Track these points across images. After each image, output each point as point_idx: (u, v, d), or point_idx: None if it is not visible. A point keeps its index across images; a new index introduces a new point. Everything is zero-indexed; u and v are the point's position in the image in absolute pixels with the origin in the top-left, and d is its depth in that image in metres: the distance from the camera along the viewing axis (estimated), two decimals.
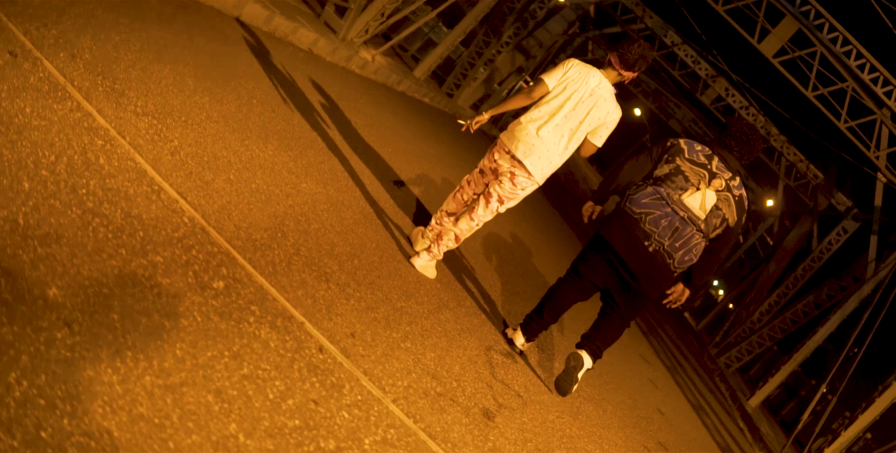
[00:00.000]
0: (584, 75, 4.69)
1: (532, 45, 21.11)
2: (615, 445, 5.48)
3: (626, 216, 4.56)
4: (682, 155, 4.52)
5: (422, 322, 4.41)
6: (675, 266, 4.59)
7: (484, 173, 5.05)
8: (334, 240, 4.47)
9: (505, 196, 4.92)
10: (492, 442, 3.77)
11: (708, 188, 4.44)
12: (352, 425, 2.92)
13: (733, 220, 4.54)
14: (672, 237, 4.48)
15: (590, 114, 4.68)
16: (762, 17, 15.15)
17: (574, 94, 4.65)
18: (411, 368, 3.76)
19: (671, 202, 4.45)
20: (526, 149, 4.68)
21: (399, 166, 7.72)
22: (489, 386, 4.39)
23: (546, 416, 4.76)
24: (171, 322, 2.67)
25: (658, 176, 4.54)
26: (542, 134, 4.66)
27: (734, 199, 4.51)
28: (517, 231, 10.17)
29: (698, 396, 11.47)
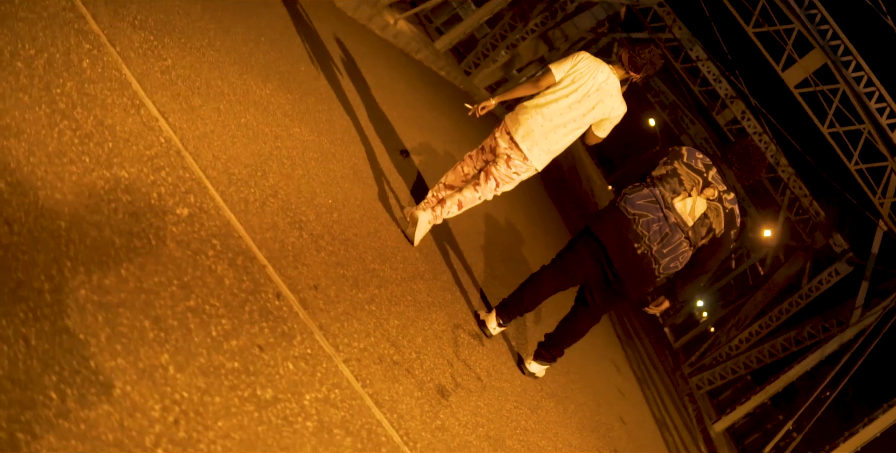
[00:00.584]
0: (593, 69, 4.74)
1: (557, 36, 20.95)
2: (569, 445, 5.38)
3: (621, 215, 4.56)
4: (680, 159, 4.56)
5: (392, 287, 4.29)
6: (660, 271, 4.59)
7: (484, 150, 5.07)
8: (317, 190, 4.34)
9: (500, 178, 4.95)
10: (441, 420, 3.66)
11: (699, 195, 4.46)
12: (295, 378, 2.80)
13: (720, 231, 4.52)
14: (661, 242, 4.49)
15: (595, 108, 4.75)
16: (791, 45, 15.03)
17: (581, 87, 4.71)
18: (371, 332, 3.64)
19: (664, 206, 4.46)
20: (525, 134, 4.75)
21: (402, 132, 7.58)
22: (450, 363, 4.27)
23: (503, 404, 4.66)
24: (123, 240, 2.54)
25: (655, 176, 4.56)
26: (545, 122, 4.72)
27: (724, 211, 4.49)
28: (510, 217, 10.05)
29: (664, 412, 11.40)
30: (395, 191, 5.69)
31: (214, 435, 2.26)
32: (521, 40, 19.25)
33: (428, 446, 3.34)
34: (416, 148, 7.59)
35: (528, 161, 4.83)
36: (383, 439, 3.04)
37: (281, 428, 2.53)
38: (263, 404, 2.54)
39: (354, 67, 8.01)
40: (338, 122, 5.76)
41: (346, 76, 7.26)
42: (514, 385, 5.10)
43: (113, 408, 2.02)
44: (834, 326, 16.64)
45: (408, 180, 6.27)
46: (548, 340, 5.28)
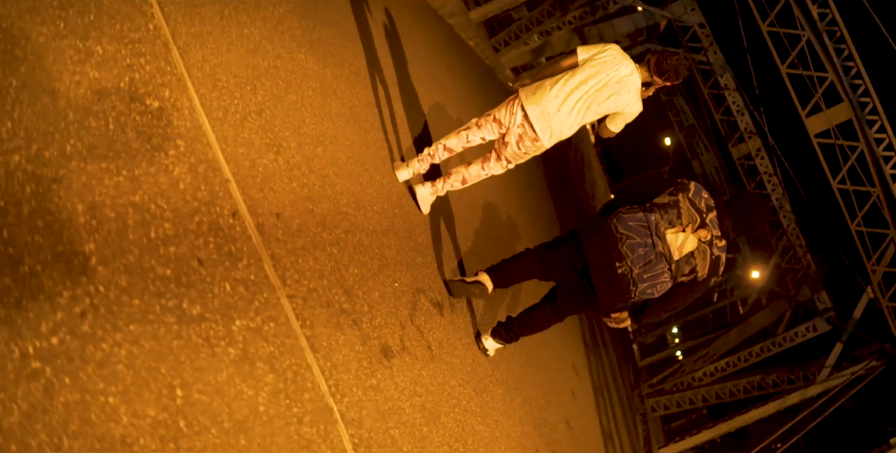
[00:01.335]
0: (618, 62, 4.76)
1: (593, 34, 20.70)
2: (507, 436, 5.27)
3: (609, 232, 4.54)
4: (686, 193, 4.53)
5: (361, 236, 4.14)
6: (636, 294, 4.55)
7: (495, 121, 4.96)
8: (306, 119, 4.17)
9: (510, 157, 5.01)
10: (377, 380, 3.53)
11: (693, 234, 4.45)
12: (229, 301, 2.65)
13: (702, 275, 4.51)
14: (643, 267, 4.46)
15: (610, 99, 4.75)
16: (821, 93, 14.88)
17: (603, 77, 4.71)
18: (326, 274, 3.50)
19: (654, 233, 4.45)
20: (540, 115, 4.74)
21: (416, 88, 7.39)
22: (402, 326, 4.14)
23: (448, 380, 4.53)
24: (77, 115, 2.38)
25: (656, 202, 4.55)
26: (561, 104, 4.72)
27: (711, 257, 4.48)
28: (505, 200, 9.91)
29: (612, 425, 11.34)
30: (390, 142, 5.53)
31: (122, 337, 2.12)
32: (556, 29, 19.02)
33: (356, 402, 3.21)
34: (426, 107, 7.42)
35: (538, 142, 4.84)
36: (309, 384, 2.91)
37: (199, 347, 2.39)
38: (187, 319, 2.40)
39: (383, 15, 7.80)
40: (348, 61, 5.58)
41: (371, 21, 7.05)
42: (465, 363, 4.98)
43: (14, 284, 1.87)
44: (800, 379, 16.67)
45: (407, 135, 6.10)
46: (508, 322, 5.22)
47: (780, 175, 19.27)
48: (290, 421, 2.68)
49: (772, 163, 19.57)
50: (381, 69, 6.36)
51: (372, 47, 6.42)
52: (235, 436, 2.38)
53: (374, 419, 3.32)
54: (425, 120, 7.03)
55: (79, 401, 1.90)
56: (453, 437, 4.21)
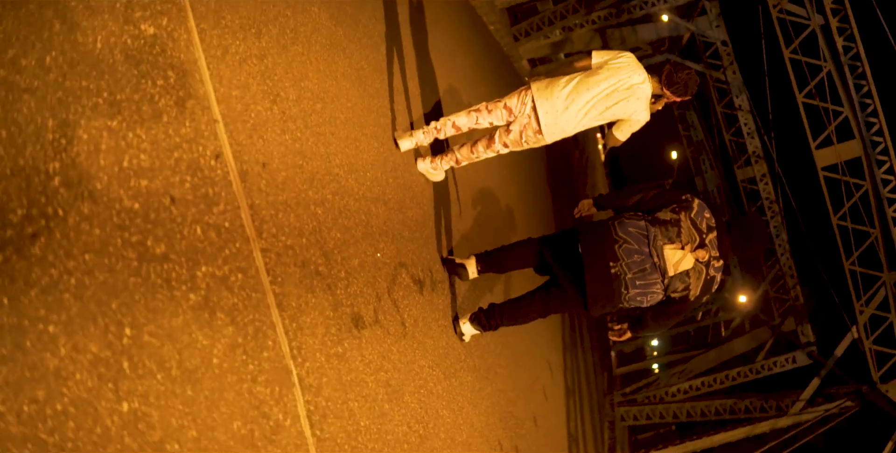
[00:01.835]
0: (631, 70, 4.80)
1: (615, 37, 20.56)
2: (470, 425, 5.18)
3: (608, 233, 4.56)
4: (689, 212, 4.51)
5: (349, 200, 4.02)
6: (626, 298, 4.52)
7: (507, 109, 4.97)
8: (309, 73, 4.04)
9: (510, 143, 5.01)
10: (343, 349, 3.42)
11: (691, 253, 4.44)
12: (198, 245, 2.54)
13: (694, 295, 4.52)
14: (637, 274, 4.46)
15: (619, 104, 4.79)
16: (833, 127, 14.78)
17: (615, 81, 4.76)
18: (306, 233, 3.38)
19: (652, 244, 4.45)
20: (548, 109, 4.78)
21: (429, 61, 7.25)
22: (378, 298, 4.03)
23: (418, 359, 4.43)
24: (64, 27, 2.25)
25: (657, 217, 4.54)
26: (569, 103, 4.76)
27: (706, 277, 4.49)
28: (505, 190, 9.80)
29: (580, 429, 11.27)
30: (394, 112, 5.40)
31: (75, 266, 2.00)
32: (578, 27, 18.86)
33: (317, 368, 3.10)
34: (436, 82, 7.28)
35: (539, 135, 4.87)
36: (270, 343, 2.80)
37: (157, 288, 2.28)
38: (148, 257, 2.28)
39: None
40: (364, 24, 5.44)
41: None
42: (438, 345, 4.88)
43: None
44: (772, 409, 16.66)
45: (413, 107, 5.97)
46: (490, 309, 5.13)
47: (781, 203, 19.20)
48: (244, 379, 2.58)
49: (775, 190, 19.48)
50: (396, 36, 6.22)
51: (390, 12, 6.28)
52: (182, 386, 2.27)
53: (333, 388, 3.21)
54: (433, 95, 6.90)
55: (15, 325, 1.78)
56: (414, 418, 4.11)
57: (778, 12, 15.02)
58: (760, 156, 19.74)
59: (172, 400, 2.21)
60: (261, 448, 2.56)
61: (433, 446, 4.31)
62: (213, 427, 2.35)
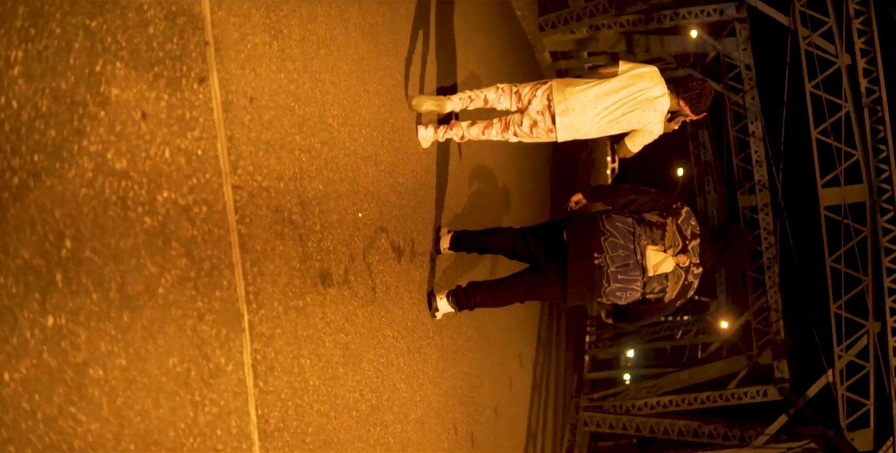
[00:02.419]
0: (653, 82, 4.86)
1: (640, 43, 20.34)
2: (427, 403, 5.07)
3: (595, 225, 4.62)
4: (676, 218, 4.56)
5: (338, 153, 3.88)
6: (605, 292, 4.57)
7: (518, 96, 5.01)
8: (318, 17, 3.88)
9: (519, 134, 5.02)
10: (304, 303, 3.29)
11: (672, 257, 4.49)
12: (163, 168, 2.40)
13: (669, 297, 4.58)
14: (619, 268, 4.50)
15: (635, 113, 4.83)
16: (843, 168, 14.63)
17: (635, 91, 4.81)
18: (286, 178, 3.24)
19: (636, 242, 4.51)
20: (565, 110, 4.81)
21: (448, 33, 7.07)
22: (352, 258, 3.89)
23: (383, 328, 4.31)
24: None
25: (644, 218, 4.58)
26: (588, 105, 4.80)
27: (684, 282, 4.54)
28: (505, 175, 9.65)
29: (540, 426, 11.18)
30: (409, 73, 5.25)
31: (20, 163, 1.86)
32: (605, 27, 18.67)
33: (272, 318, 2.97)
34: (452, 56, 7.11)
35: (552, 133, 4.89)
36: (225, 283, 2.67)
37: (111, 204, 2.14)
38: (106, 169, 2.15)
39: None
40: None
41: None
42: (407, 317, 4.75)
43: None
44: (735, 439, 16.66)
45: (422, 75, 5.81)
46: (469, 287, 5.03)
47: (778, 235, 19.04)
48: (190, 315, 2.44)
49: (774, 222, 19.33)
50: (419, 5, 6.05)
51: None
52: (119, 310, 2.14)
53: (286, 341, 3.09)
54: (447, 67, 6.72)
55: None
56: (369, 387, 3.99)
57: (807, 45, 14.84)
58: (766, 185, 19.56)
59: (105, 324, 2.07)
60: (195, 389, 2.43)
61: (384, 418, 4.19)
62: (145, 358, 2.22)
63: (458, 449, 5.81)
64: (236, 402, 2.67)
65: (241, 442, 2.68)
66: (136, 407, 2.16)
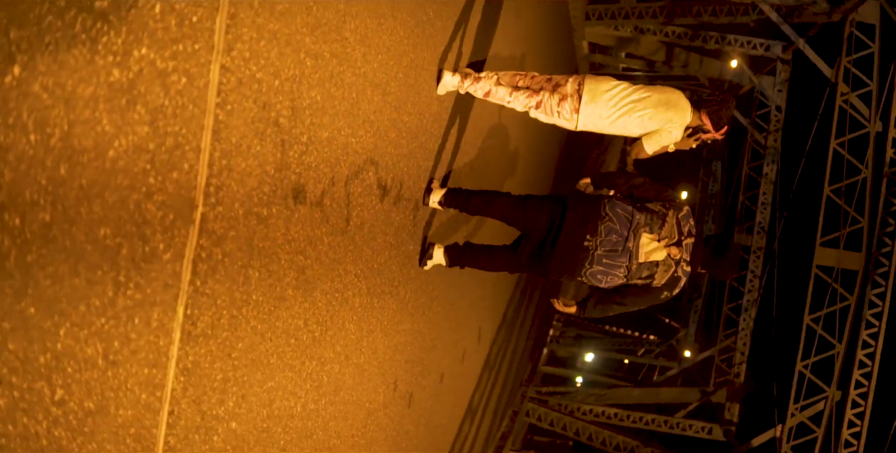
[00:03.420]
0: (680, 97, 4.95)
1: (680, 58, 19.98)
2: (373, 352, 4.89)
3: (596, 208, 4.65)
4: (677, 213, 4.64)
5: (346, 69, 3.63)
6: (587, 273, 4.63)
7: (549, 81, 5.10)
8: None
9: (543, 104, 4.99)
10: (268, 213, 3.08)
11: (665, 248, 4.54)
12: (149, 23, 2.17)
13: (657, 284, 4.62)
14: (607, 252, 4.56)
15: (658, 112, 4.86)
16: (846, 232, 14.41)
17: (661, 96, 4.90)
18: (281, 74, 3.01)
19: (633, 228, 4.57)
20: (590, 97, 4.88)
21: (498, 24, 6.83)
22: (332, 181, 3.68)
23: (346, 264, 4.12)
24: None
25: (647, 206, 4.65)
26: (614, 94, 4.88)
27: (673, 274, 4.59)
28: (513, 148, 9.42)
29: (482, 406, 11.05)
30: (436, 37, 5.00)
31: None
32: (650, 32, 18.29)
33: (227, 218, 2.76)
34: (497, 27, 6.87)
35: (576, 114, 4.91)
36: (186, 167, 2.46)
37: (78, 43, 1.93)
38: (81, 4, 1.92)
39: None
40: None
41: None
42: (375, 259, 4.56)
43: None
44: None
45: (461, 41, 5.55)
46: (465, 247, 5.24)
47: (764, 280, 18.88)
48: (137, 187, 2.23)
49: (763, 266, 19.16)
50: None
51: None
52: (57, 161, 1.92)
53: (238, 246, 2.88)
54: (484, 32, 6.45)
55: None
56: (316, 319, 3.80)
57: (843, 101, 14.55)
58: (765, 229, 19.35)
59: (38, 171, 1.86)
60: (122, 267, 2.23)
61: (323, 355, 4.00)
62: (74, 221, 2.01)
63: (393, 405, 5.65)
64: (165, 295, 2.46)
65: (160, 338, 2.48)
66: (48, 269, 1.96)
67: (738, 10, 16.47)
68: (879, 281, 13.85)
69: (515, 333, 13.89)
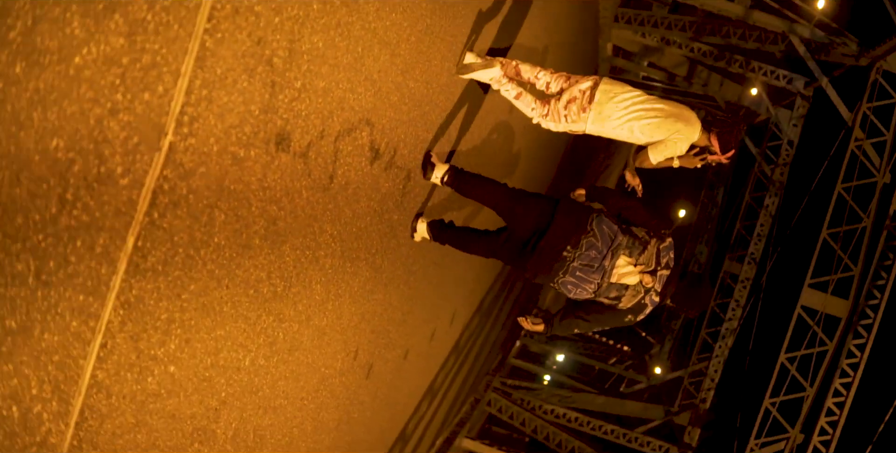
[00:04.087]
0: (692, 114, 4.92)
1: (701, 76, 19.76)
2: (338, 316, 4.75)
3: (584, 221, 4.63)
4: (660, 242, 4.59)
5: (353, 19, 3.45)
6: (558, 281, 4.60)
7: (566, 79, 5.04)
8: None
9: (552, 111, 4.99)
10: (244, 154, 2.93)
11: (639, 274, 4.51)
12: None
13: (622, 307, 4.58)
14: (582, 267, 4.53)
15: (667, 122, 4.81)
16: (836, 278, 14.25)
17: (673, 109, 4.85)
18: (282, 13, 2.84)
19: (612, 248, 4.53)
20: (603, 98, 4.84)
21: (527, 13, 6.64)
22: (321, 134, 3.51)
23: (323, 222, 3.95)
24: None
25: (632, 230, 4.62)
26: (626, 98, 4.83)
27: (640, 300, 4.56)
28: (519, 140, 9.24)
29: (443, 389, 10.93)
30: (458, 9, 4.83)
31: None
32: (676, 46, 17.99)
33: (197, 152, 2.60)
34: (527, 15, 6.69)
35: (584, 113, 4.87)
36: (160, 89, 2.29)
37: None
38: None
39: None
40: None
41: None
42: (355, 224, 4.40)
43: None
44: None
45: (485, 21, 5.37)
46: (449, 226, 5.25)
47: (745, 312, 18.73)
48: (101, 101, 2.07)
49: (747, 298, 19.00)
50: None
51: None
52: (13, 57, 1.76)
53: (204, 182, 2.71)
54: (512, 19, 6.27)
55: None
56: (280, 274, 3.65)
57: (856, 147, 14.31)
58: (756, 260, 19.15)
59: None
60: (70, 184, 2.07)
61: (282, 311, 3.85)
62: None
63: (350, 373, 5.51)
64: (115, 221, 2.31)
65: (102, 266, 2.33)
66: None
67: (768, 38, 16.19)
68: (862, 332, 13.68)
69: (490, 322, 13.76)
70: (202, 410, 3.37)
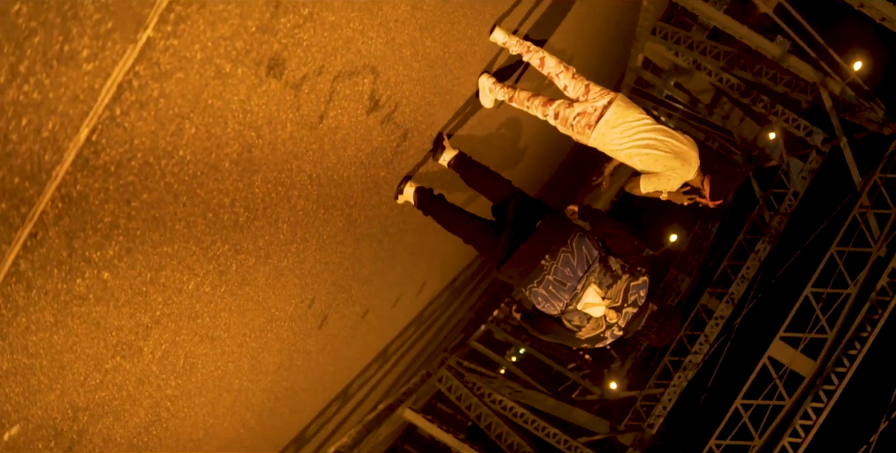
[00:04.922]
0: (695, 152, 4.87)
1: (723, 107, 19.43)
2: (301, 261, 4.61)
3: (565, 237, 4.54)
4: (632, 279, 4.52)
5: None
6: (530, 289, 4.55)
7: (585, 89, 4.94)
8: None
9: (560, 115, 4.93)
10: (231, 69, 2.76)
11: (606, 308, 4.46)
12: None
13: (579, 336, 4.57)
14: (555, 282, 4.46)
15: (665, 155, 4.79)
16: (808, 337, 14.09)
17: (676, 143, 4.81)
18: None
19: (587, 274, 4.44)
20: (611, 119, 4.81)
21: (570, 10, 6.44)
22: (319, 70, 3.35)
23: (303, 163, 3.80)
24: None
25: (608, 260, 4.53)
26: (634, 122, 4.80)
27: (601, 333, 4.54)
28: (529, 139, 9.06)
29: (396, 355, 10.80)
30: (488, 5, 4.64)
31: None
32: (706, 72, 17.70)
33: (177, 55, 2.44)
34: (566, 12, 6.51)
35: (589, 130, 4.84)
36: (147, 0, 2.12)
37: None
38: None
39: None
40: None
41: None
42: (338, 172, 4.25)
43: None
44: None
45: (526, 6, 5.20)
46: (438, 198, 5.10)
47: (712, 350, 18.64)
48: None
49: (717, 336, 18.88)
50: None
51: None
52: None
53: (177, 88, 2.55)
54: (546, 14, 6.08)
55: None
56: (244, 203, 3.50)
57: (859, 213, 14.14)
58: (734, 301, 18.95)
59: None
60: (27, 56, 1.90)
61: (240, 242, 3.70)
62: None
63: (302, 320, 5.37)
64: (69, 108, 2.15)
65: (47, 151, 2.17)
66: None
67: (798, 86, 15.94)
68: (822, 396, 13.58)
69: (460, 300, 13.62)
70: (131, 324, 3.22)
